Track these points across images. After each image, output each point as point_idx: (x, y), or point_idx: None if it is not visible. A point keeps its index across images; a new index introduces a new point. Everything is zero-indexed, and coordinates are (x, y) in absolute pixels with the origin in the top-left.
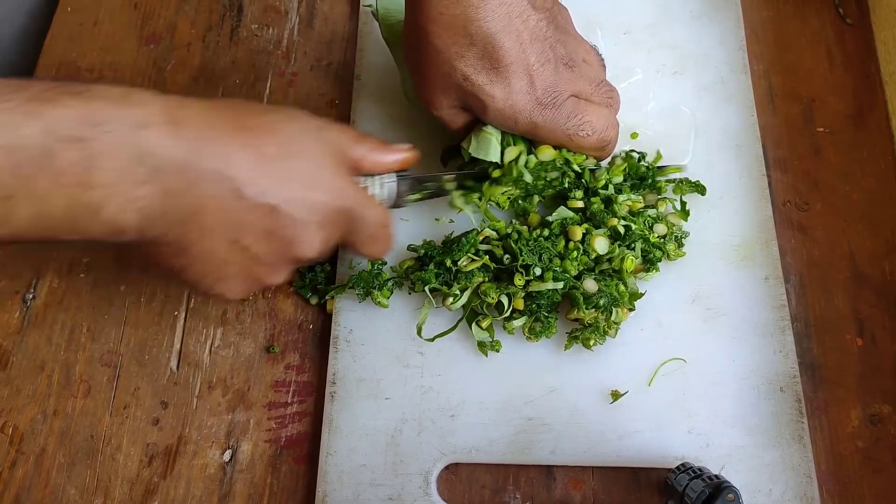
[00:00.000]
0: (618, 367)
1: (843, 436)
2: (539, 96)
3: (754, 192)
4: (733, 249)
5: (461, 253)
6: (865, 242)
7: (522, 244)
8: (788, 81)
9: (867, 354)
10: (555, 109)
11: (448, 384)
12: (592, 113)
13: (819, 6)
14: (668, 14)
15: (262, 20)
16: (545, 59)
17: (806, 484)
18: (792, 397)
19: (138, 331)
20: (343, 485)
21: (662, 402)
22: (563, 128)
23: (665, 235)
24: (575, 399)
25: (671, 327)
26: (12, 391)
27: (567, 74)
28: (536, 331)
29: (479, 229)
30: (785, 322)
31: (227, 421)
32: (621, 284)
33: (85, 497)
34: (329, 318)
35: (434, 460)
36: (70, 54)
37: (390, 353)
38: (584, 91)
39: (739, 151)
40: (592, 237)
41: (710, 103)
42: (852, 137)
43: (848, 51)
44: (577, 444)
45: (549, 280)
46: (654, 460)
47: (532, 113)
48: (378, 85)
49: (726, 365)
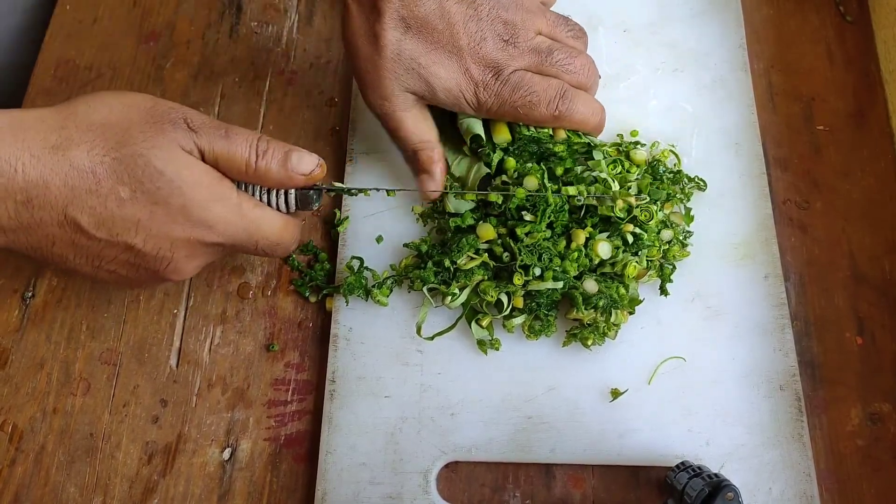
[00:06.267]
0: (617, 365)
1: (843, 434)
2: (476, 75)
3: (754, 190)
4: (733, 248)
5: (460, 254)
6: (865, 241)
7: (521, 246)
8: (789, 80)
9: (867, 353)
10: (499, 85)
11: (448, 382)
12: (538, 83)
13: (819, 4)
14: (669, 12)
15: (261, 18)
16: (479, 38)
17: (805, 482)
18: (792, 396)
19: (138, 329)
20: (342, 483)
21: (662, 400)
22: (509, 101)
23: (671, 241)
24: (575, 397)
25: (671, 325)
26: (11, 389)
27: (509, 51)
28: (536, 329)
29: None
30: (785, 320)
31: (226, 419)
32: (622, 287)
33: (84, 495)
34: (329, 317)
35: (434, 458)
36: (69, 52)
37: (390, 351)
38: (533, 64)
39: (739, 150)
40: (595, 242)
41: (710, 102)
42: (852, 136)
43: (848, 49)
44: (576, 442)
45: (549, 280)
46: (653, 459)
47: (476, 91)
48: None
49: (726, 363)
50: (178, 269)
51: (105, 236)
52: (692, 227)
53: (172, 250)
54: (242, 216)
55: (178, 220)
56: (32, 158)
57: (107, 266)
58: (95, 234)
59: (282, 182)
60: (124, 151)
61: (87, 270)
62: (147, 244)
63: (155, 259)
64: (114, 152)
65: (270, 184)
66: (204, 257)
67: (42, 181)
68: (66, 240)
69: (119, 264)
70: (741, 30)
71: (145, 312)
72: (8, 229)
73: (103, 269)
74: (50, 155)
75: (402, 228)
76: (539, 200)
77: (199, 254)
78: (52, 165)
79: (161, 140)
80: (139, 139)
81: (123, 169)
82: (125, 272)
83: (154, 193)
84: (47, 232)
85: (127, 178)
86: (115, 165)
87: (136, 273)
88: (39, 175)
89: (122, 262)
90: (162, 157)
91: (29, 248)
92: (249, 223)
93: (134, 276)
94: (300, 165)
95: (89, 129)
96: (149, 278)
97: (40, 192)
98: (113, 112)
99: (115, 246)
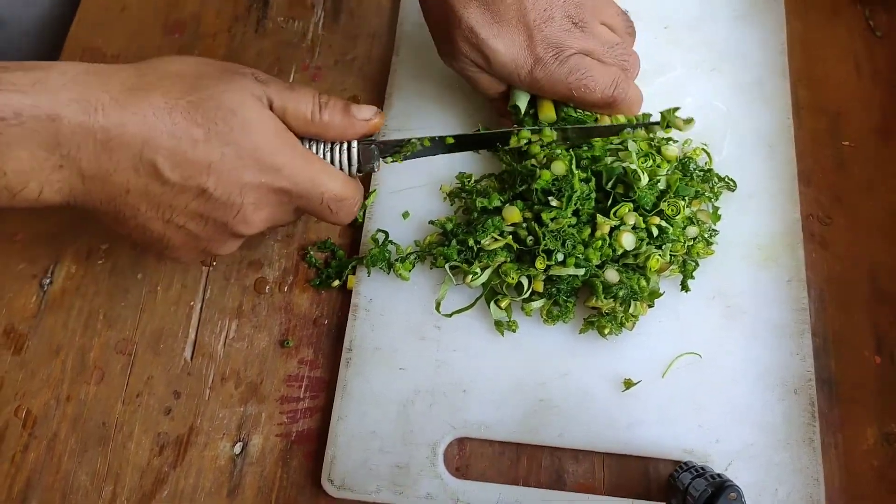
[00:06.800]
0: (632, 356)
1: (858, 454)
2: (538, 52)
3: (784, 194)
4: (758, 249)
5: (485, 234)
6: (887, 259)
7: (546, 230)
8: (815, 93)
9: (885, 372)
10: (557, 65)
11: (462, 360)
12: (597, 69)
13: (849, 18)
14: (710, 12)
15: (288, 13)
16: (547, 16)
17: (813, 486)
18: (805, 400)
19: (154, 319)
20: (352, 449)
21: (675, 394)
22: (564, 82)
23: (696, 238)
24: (587, 384)
25: (689, 321)
26: (27, 375)
27: (576, 33)
28: (554, 314)
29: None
30: (804, 325)
31: (238, 413)
32: (643, 280)
33: (95, 483)
34: (345, 316)
35: (443, 433)
36: (96, 40)
37: (408, 324)
38: (594, 50)
39: (772, 153)
40: (620, 232)
41: (745, 103)
42: (877, 152)
43: (877, 64)
44: (585, 428)
45: (571, 266)
46: (662, 451)
47: (533, 67)
48: (415, 62)
49: (742, 363)
50: (247, 220)
51: (179, 179)
52: (718, 226)
53: (242, 195)
54: (309, 163)
55: (248, 162)
56: (112, 100)
57: (177, 219)
58: (170, 178)
59: (344, 130)
60: (199, 95)
61: (157, 227)
62: (218, 188)
63: (225, 206)
64: (189, 95)
65: (333, 134)
66: (270, 208)
67: (120, 122)
68: (141, 187)
69: (189, 216)
70: (783, 35)
71: (162, 303)
72: (87, 175)
73: (173, 223)
74: (128, 96)
75: (429, 206)
76: (565, 186)
77: (266, 202)
78: (131, 107)
79: (233, 86)
80: (213, 84)
81: (197, 111)
82: (194, 227)
83: (226, 135)
84: (123, 178)
85: (201, 120)
86: (190, 108)
87: (203, 228)
88: (118, 116)
89: (193, 212)
90: (234, 100)
91: (104, 198)
92: (316, 172)
93: (202, 233)
94: (360, 112)
95: (166, 76)
96: (216, 235)
97: (119, 132)
98: (187, 65)
99: (188, 191)
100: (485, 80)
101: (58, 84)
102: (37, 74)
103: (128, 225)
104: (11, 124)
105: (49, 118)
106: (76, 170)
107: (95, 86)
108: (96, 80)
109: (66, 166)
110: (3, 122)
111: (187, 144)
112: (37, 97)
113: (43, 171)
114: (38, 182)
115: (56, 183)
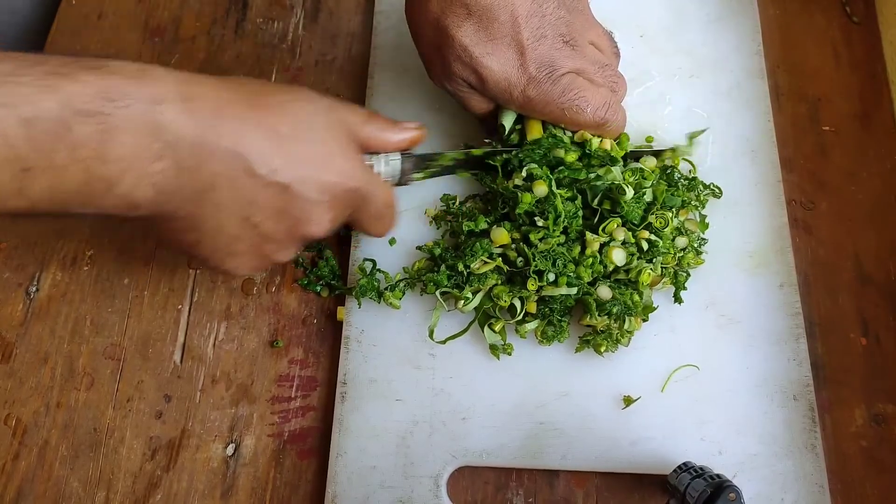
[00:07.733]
0: (630, 372)
1: (847, 435)
2: (531, 71)
3: (770, 198)
4: (748, 256)
5: (474, 258)
6: (870, 242)
7: (535, 251)
8: (795, 80)
9: (871, 354)
10: (550, 84)
11: (459, 387)
12: (589, 90)
13: (826, 5)
14: (685, 18)
15: (267, 14)
16: (540, 35)
17: (818, 493)
18: (805, 406)
19: (142, 324)
20: (353, 486)
21: (675, 408)
22: (557, 101)
23: (685, 248)
24: (587, 404)
25: (685, 333)
26: (15, 383)
27: (567, 52)
28: (549, 335)
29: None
30: (799, 330)
31: (230, 415)
32: (636, 294)
33: (88, 490)
34: (334, 313)
35: (444, 463)
36: (75, 47)
37: (402, 354)
38: (586, 70)
39: (755, 157)
40: (610, 248)
41: (726, 108)
42: (858, 137)
43: (855, 50)
44: (588, 449)
45: (563, 285)
46: (665, 467)
47: (526, 87)
48: (392, 84)
49: (740, 372)
50: (319, 219)
51: (266, 173)
52: (707, 235)
53: (320, 193)
54: (364, 170)
55: (328, 162)
56: (209, 90)
57: (255, 217)
58: (258, 171)
59: (392, 137)
60: (279, 98)
61: (232, 228)
62: (301, 185)
63: (304, 204)
64: (272, 97)
65: (380, 142)
66: (336, 211)
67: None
68: (227, 180)
69: (268, 213)
70: (758, 36)
71: (150, 307)
72: (183, 166)
73: (250, 221)
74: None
75: (414, 231)
76: (548, 207)
77: (336, 203)
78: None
79: (301, 94)
80: (285, 91)
81: (285, 112)
82: (269, 226)
83: (309, 134)
84: (216, 169)
85: (288, 120)
86: (277, 108)
87: (276, 228)
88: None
89: (272, 209)
90: (308, 108)
91: (190, 194)
92: (370, 177)
93: (274, 233)
94: (406, 122)
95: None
96: (285, 236)
97: (215, 122)
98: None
99: (272, 187)
100: (475, 99)
101: (160, 73)
102: (139, 65)
103: (201, 229)
104: (119, 106)
105: (154, 101)
106: (174, 160)
107: (193, 82)
108: (189, 76)
109: (165, 156)
110: (112, 103)
111: (276, 141)
112: (142, 81)
113: (143, 161)
114: (135, 174)
115: (153, 175)
